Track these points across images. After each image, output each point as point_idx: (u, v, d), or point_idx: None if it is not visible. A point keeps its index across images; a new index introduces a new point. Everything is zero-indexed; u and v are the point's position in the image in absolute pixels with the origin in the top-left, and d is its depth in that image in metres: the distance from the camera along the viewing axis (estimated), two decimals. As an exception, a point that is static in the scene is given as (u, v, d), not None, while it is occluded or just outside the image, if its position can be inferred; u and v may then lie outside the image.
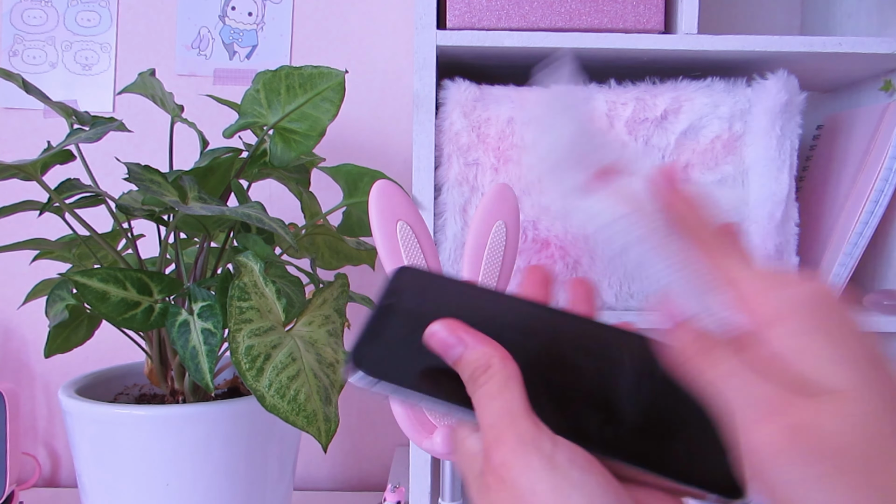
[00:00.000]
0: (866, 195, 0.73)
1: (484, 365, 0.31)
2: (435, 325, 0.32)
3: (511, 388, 0.30)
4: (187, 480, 0.64)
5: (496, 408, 0.30)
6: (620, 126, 0.69)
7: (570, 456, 0.28)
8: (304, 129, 0.68)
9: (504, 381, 0.30)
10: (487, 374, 0.31)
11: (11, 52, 1.00)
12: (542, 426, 0.29)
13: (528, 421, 0.29)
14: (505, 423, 0.29)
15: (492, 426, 0.29)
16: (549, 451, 0.28)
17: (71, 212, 0.66)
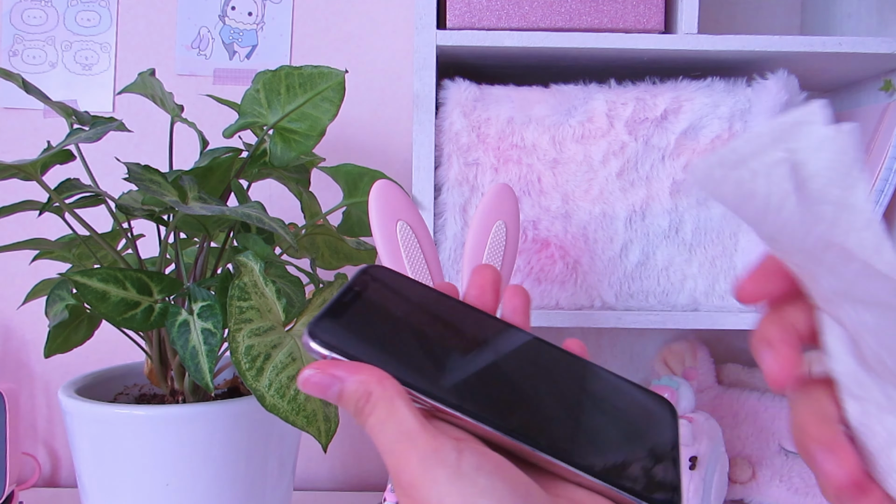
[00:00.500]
0: (866, 195, 0.73)
1: (364, 393, 0.30)
2: (306, 371, 0.31)
3: (398, 407, 0.29)
4: (187, 480, 0.64)
5: (390, 432, 0.29)
6: (620, 126, 0.69)
7: (477, 462, 0.28)
8: (304, 129, 0.68)
9: (388, 404, 0.30)
10: (371, 403, 0.30)
11: (11, 52, 1.00)
12: (441, 437, 0.29)
13: (426, 435, 0.29)
14: (403, 446, 0.29)
15: (391, 452, 0.29)
16: (453, 461, 0.28)
17: (71, 212, 0.66)
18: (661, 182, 0.70)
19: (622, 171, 0.70)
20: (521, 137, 0.70)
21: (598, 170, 0.70)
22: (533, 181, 0.70)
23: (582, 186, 0.70)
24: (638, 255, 0.71)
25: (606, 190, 0.70)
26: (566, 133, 0.70)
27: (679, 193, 0.70)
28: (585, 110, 0.70)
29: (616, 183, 0.70)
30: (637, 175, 0.70)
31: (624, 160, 0.70)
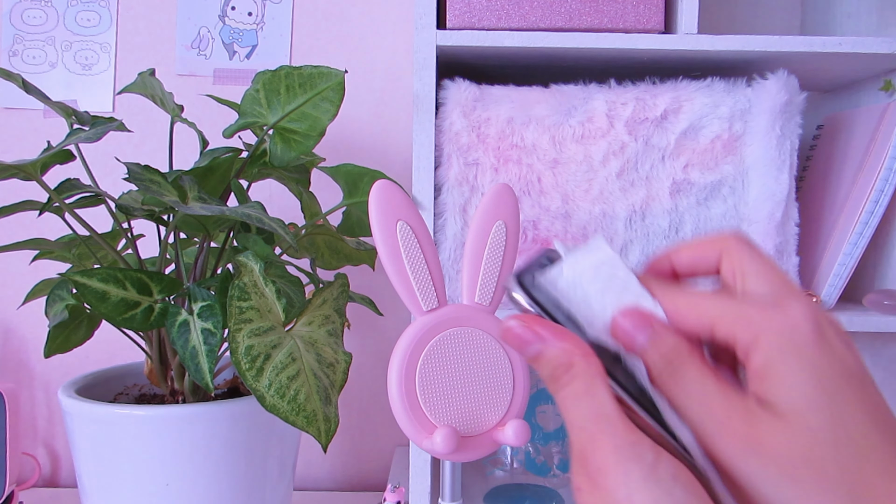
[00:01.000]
0: (866, 195, 0.73)
1: (565, 363, 0.29)
2: (511, 321, 0.31)
3: (598, 388, 0.28)
4: (187, 480, 0.64)
5: (585, 410, 0.28)
6: (620, 126, 0.69)
7: (675, 471, 0.27)
8: (304, 129, 0.68)
9: (590, 381, 0.29)
10: (570, 374, 0.29)
11: (11, 52, 1.00)
12: (640, 433, 0.28)
13: (625, 425, 0.28)
14: (599, 428, 0.28)
15: (583, 429, 0.28)
16: (651, 461, 0.27)
17: (71, 212, 0.66)
18: (661, 182, 0.70)
19: (622, 171, 0.70)
20: (521, 137, 0.70)
21: (598, 170, 0.70)
22: (533, 181, 0.70)
23: (582, 186, 0.70)
24: (638, 255, 0.71)
25: (606, 190, 0.70)
26: (566, 133, 0.70)
27: (679, 193, 0.70)
28: (585, 110, 0.70)
29: (616, 183, 0.70)
30: (637, 175, 0.70)
31: (624, 160, 0.70)
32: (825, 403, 0.26)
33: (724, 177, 0.70)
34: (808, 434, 0.26)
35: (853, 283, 0.81)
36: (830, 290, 0.74)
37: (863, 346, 0.84)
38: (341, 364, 0.64)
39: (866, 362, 0.86)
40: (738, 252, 0.30)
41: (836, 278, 0.74)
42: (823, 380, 0.26)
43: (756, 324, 0.27)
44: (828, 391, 0.26)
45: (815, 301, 0.30)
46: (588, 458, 0.27)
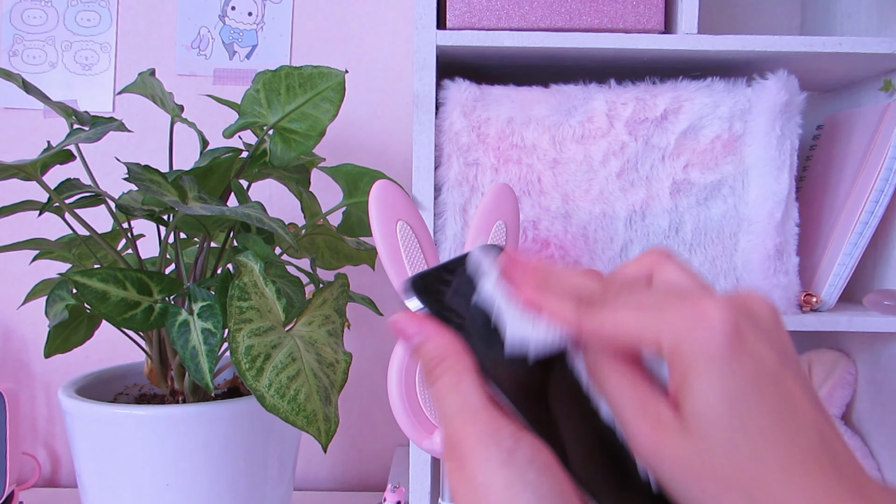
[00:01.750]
0: (866, 195, 0.73)
1: (439, 356, 0.32)
2: (399, 314, 0.33)
3: (466, 381, 0.31)
4: (187, 480, 0.64)
5: (454, 401, 0.30)
6: (620, 126, 0.69)
7: (531, 455, 0.28)
8: (304, 129, 0.68)
9: (459, 376, 0.31)
10: (442, 367, 0.31)
11: (11, 52, 1.00)
12: (503, 420, 0.30)
13: (487, 413, 0.30)
14: (465, 418, 0.30)
15: (451, 419, 0.30)
16: (509, 447, 0.28)
17: (71, 212, 0.66)
18: (661, 182, 0.70)
19: (622, 171, 0.70)
20: (521, 137, 0.70)
21: (598, 170, 0.70)
22: (533, 181, 0.70)
23: (582, 186, 0.70)
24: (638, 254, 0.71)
25: (606, 190, 0.70)
26: (566, 133, 0.70)
27: (679, 193, 0.70)
28: (585, 110, 0.70)
29: (616, 183, 0.70)
30: (637, 175, 0.70)
31: (624, 160, 0.70)
32: (729, 415, 0.27)
33: (724, 177, 0.70)
34: (709, 446, 0.27)
35: (853, 283, 0.81)
36: (830, 290, 0.74)
37: (863, 346, 0.84)
38: (341, 364, 0.64)
39: (866, 362, 0.85)
40: (661, 264, 0.32)
41: (836, 278, 0.74)
42: (732, 389, 0.27)
43: (677, 332, 0.28)
44: (734, 401, 0.27)
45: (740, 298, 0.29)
46: (456, 445, 0.30)
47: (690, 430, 0.27)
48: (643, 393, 0.29)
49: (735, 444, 0.26)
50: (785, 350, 0.28)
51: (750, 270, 0.70)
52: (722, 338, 0.27)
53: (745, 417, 0.27)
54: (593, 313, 0.30)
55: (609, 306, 0.30)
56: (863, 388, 0.84)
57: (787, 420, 0.27)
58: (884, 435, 0.80)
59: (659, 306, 0.29)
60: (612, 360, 0.31)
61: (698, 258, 0.71)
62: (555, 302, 0.31)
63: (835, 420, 0.28)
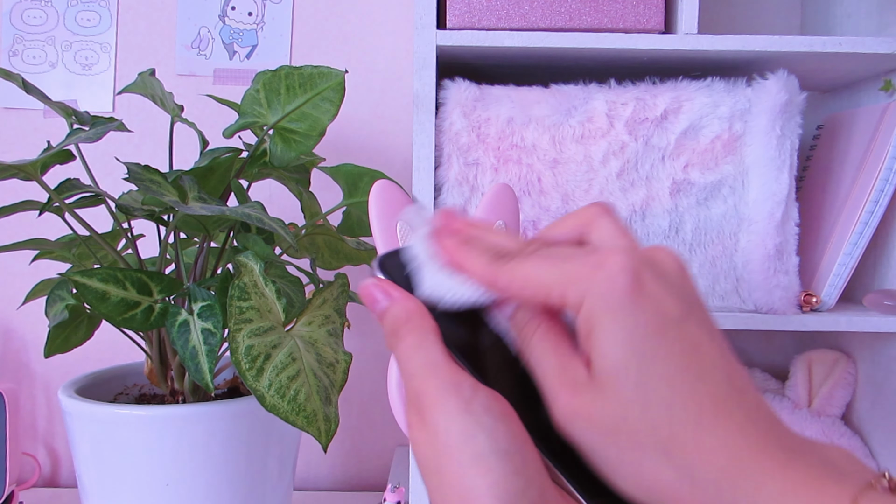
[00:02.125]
0: (866, 195, 0.73)
1: (404, 318, 0.33)
2: (369, 281, 0.34)
3: (430, 340, 0.32)
4: (187, 480, 0.64)
5: (418, 359, 0.31)
6: (620, 126, 0.69)
7: (488, 403, 0.29)
8: (304, 129, 0.68)
9: (423, 335, 0.32)
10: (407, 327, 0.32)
11: (11, 52, 1.00)
12: (464, 374, 0.30)
13: (449, 368, 0.31)
14: (427, 373, 0.31)
15: (414, 375, 0.31)
16: (467, 396, 0.29)
17: (71, 212, 0.66)
18: (661, 182, 0.70)
19: (622, 171, 0.70)
20: (521, 137, 0.70)
21: (598, 170, 0.70)
22: (533, 181, 0.70)
23: (582, 186, 0.70)
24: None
25: (606, 190, 0.70)
26: (566, 133, 0.70)
27: (679, 193, 0.70)
28: (585, 110, 0.70)
29: (616, 183, 0.70)
30: (637, 175, 0.70)
31: (624, 160, 0.70)
32: (633, 366, 0.27)
33: (724, 177, 0.70)
34: (618, 401, 0.27)
35: (853, 283, 0.81)
36: (830, 290, 0.74)
37: (863, 346, 0.84)
38: (341, 364, 0.64)
39: (866, 362, 0.85)
40: (596, 222, 0.32)
41: (836, 278, 0.74)
42: (634, 339, 0.27)
43: (581, 284, 0.28)
44: (637, 351, 0.27)
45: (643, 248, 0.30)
46: (418, 398, 0.31)
47: (601, 386, 0.28)
48: (563, 356, 0.30)
49: (642, 395, 0.27)
50: (688, 298, 0.28)
51: (750, 270, 0.70)
52: (621, 284, 0.27)
53: (649, 366, 0.27)
54: (504, 266, 0.31)
55: (521, 259, 0.30)
56: (863, 388, 0.84)
57: (693, 366, 0.27)
58: (884, 435, 0.80)
59: (565, 258, 0.29)
60: (534, 320, 0.31)
61: (698, 258, 0.71)
62: (472, 257, 0.32)
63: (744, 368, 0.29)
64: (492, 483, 0.28)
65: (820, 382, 0.85)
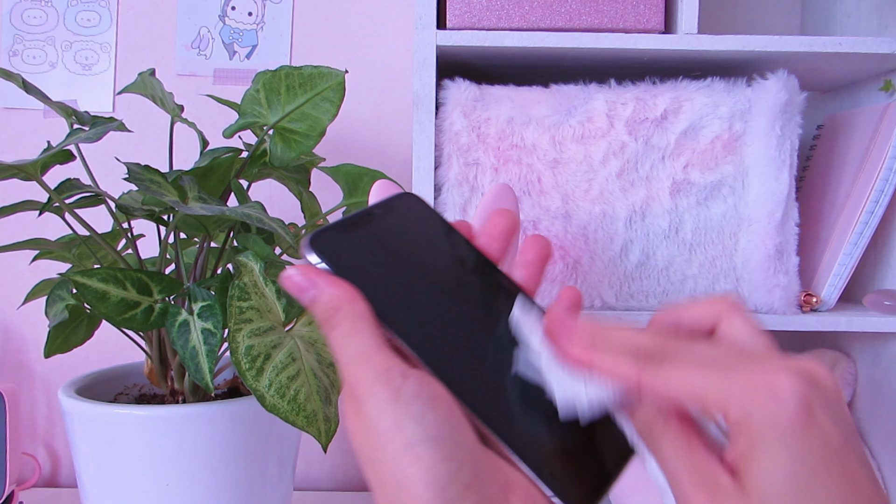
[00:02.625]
0: (866, 195, 0.73)
1: (334, 307, 0.32)
2: (290, 270, 0.34)
3: (361, 328, 0.32)
4: (187, 480, 0.64)
5: (350, 348, 0.32)
6: (620, 126, 0.69)
7: (417, 389, 0.30)
8: (304, 129, 0.68)
9: (354, 322, 0.32)
10: (339, 317, 0.32)
11: (11, 52, 1.00)
12: (394, 361, 0.31)
13: (380, 356, 0.31)
14: (360, 362, 0.31)
15: (347, 364, 0.31)
16: (397, 385, 0.30)
17: (71, 212, 0.66)
18: (661, 182, 0.70)
19: (622, 171, 0.70)
20: (521, 137, 0.70)
21: (598, 170, 0.70)
22: (533, 181, 0.70)
23: (582, 186, 0.70)
24: (638, 255, 0.71)
25: (606, 190, 0.70)
26: (566, 133, 0.70)
27: (679, 193, 0.70)
28: (585, 110, 0.70)
29: (616, 183, 0.70)
30: (637, 175, 0.70)
31: (624, 160, 0.70)
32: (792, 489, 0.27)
33: (724, 177, 0.70)
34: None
35: (853, 283, 0.81)
36: (830, 290, 0.74)
37: (863, 346, 0.84)
38: (341, 364, 0.64)
39: (866, 362, 0.86)
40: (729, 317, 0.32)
41: (836, 278, 0.74)
42: (799, 467, 0.27)
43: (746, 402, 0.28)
44: (800, 479, 0.27)
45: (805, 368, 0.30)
46: (352, 388, 0.31)
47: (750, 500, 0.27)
48: (699, 458, 0.29)
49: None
50: (848, 426, 0.28)
51: (750, 270, 0.70)
52: (793, 413, 0.27)
53: (809, 495, 0.26)
54: (655, 369, 0.30)
55: (673, 363, 0.30)
56: (863, 388, 0.84)
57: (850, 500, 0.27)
58: (884, 435, 0.80)
59: (727, 368, 0.29)
60: (668, 419, 0.30)
61: (698, 258, 0.71)
62: (609, 359, 0.31)
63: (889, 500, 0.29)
64: (423, 470, 0.28)
65: (820, 382, 0.85)
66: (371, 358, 0.31)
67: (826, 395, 0.28)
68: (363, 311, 0.32)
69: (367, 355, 0.31)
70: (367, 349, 0.31)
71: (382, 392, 0.30)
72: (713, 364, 0.29)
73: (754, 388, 0.28)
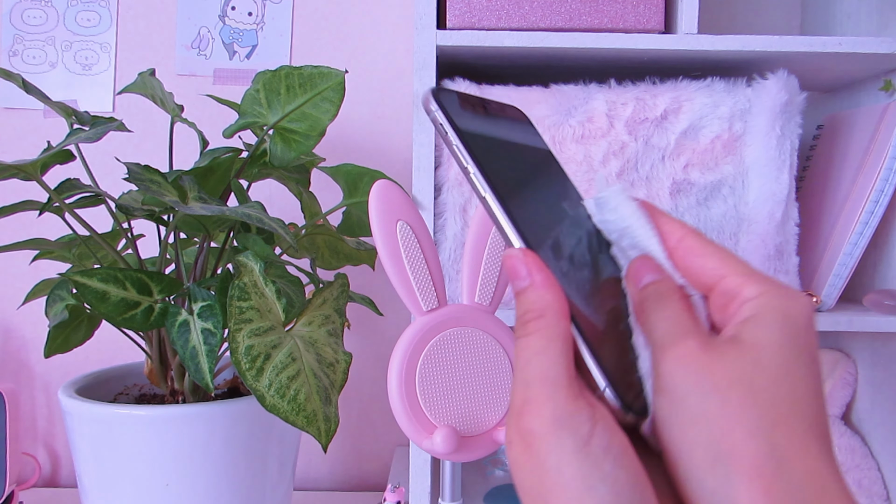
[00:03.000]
0: (866, 195, 0.73)
1: (538, 311, 0.30)
2: (514, 250, 0.31)
3: (555, 349, 0.29)
4: (187, 480, 0.64)
5: (536, 367, 0.28)
6: (620, 126, 0.69)
7: (607, 443, 0.27)
8: (304, 129, 0.68)
9: (550, 339, 0.29)
10: (536, 324, 0.29)
11: (11, 52, 1.00)
12: (581, 400, 0.28)
13: (568, 392, 0.28)
14: (543, 390, 0.28)
15: (528, 385, 0.28)
16: (585, 433, 0.27)
17: (71, 212, 0.66)
18: (661, 182, 0.70)
19: (622, 171, 0.70)
20: (521, 137, 0.70)
21: (598, 170, 0.70)
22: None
23: (582, 186, 0.70)
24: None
25: (606, 190, 0.70)
26: (566, 133, 0.70)
27: (679, 193, 0.70)
28: (585, 110, 0.70)
29: (616, 183, 0.70)
30: (637, 175, 0.70)
31: (624, 160, 0.70)
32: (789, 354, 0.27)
33: (724, 177, 0.70)
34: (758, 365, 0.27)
35: (853, 283, 0.81)
36: (830, 290, 0.74)
37: (863, 346, 0.84)
38: (341, 364, 0.64)
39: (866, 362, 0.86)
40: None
41: (836, 278, 0.74)
42: (798, 345, 0.28)
43: (765, 289, 0.29)
44: (797, 349, 0.28)
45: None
46: (525, 417, 0.28)
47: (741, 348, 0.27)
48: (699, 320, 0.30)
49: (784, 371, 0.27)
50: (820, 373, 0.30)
51: (750, 270, 0.70)
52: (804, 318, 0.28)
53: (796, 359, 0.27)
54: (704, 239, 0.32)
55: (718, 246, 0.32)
56: (863, 388, 0.84)
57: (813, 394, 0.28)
58: (884, 435, 0.80)
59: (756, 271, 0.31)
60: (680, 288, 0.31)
61: (698, 258, 0.71)
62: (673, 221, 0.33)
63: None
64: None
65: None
66: (558, 390, 0.28)
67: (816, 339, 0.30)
68: (566, 331, 0.29)
69: (554, 385, 0.28)
70: (555, 377, 0.28)
71: (567, 438, 0.26)
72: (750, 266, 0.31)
73: (777, 286, 0.29)
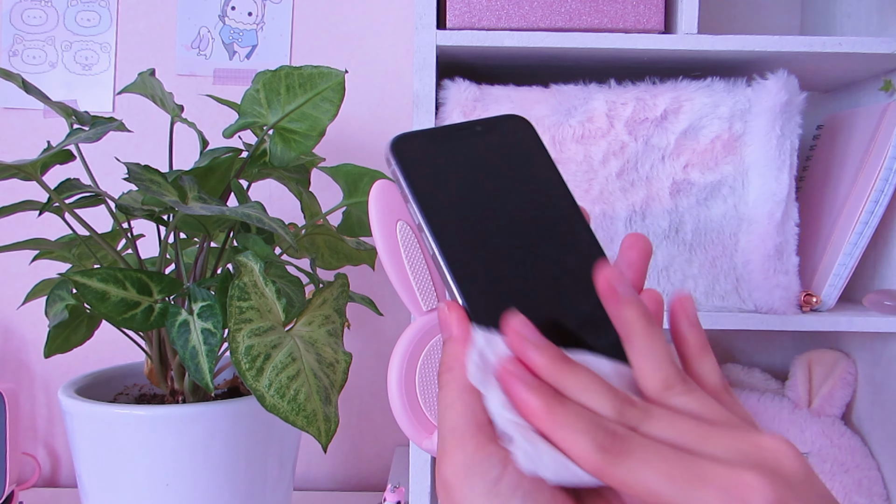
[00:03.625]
0: (866, 195, 0.73)
1: (448, 365, 0.31)
2: (442, 304, 0.33)
3: (463, 401, 0.30)
4: (187, 480, 0.64)
5: (447, 419, 0.30)
6: (620, 126, 0.69)
7: (517, 482, 0.28)
8: (304, 129, 0.68)
9: (459, 391, 0.30)
10: (446, 377, 0.31)
11: (11, 52, 1.00)
12: (491, 446, 0.29)
13: (476, 441, 0.29)
14: (454, 440, 0.29)
15: (442, 436, 0.30)
16: (495, 477, 0.28)
17: (71, 212, 0.66)
18: (661, 182, 0.70)
19: (622, 171, 0.70)
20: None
21: (598, 170, 0.70)
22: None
23: (582, 186, 0.70)
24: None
25: (606, 190, 0.70)
26: (566, 133, 0.70)
27: (679, 193, 0.70)
28: (585, 110, 0.70)
29: (616, 183, 0.70)
30: (637, 175, 0.70)
31: (624, 160, 0.70)
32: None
33: (724, 177, 0.70)
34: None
35: (853, 283, 0.81)
36: (830, 290, 0.74)
37: (863, 346, 0.84)
38: (341, 364, 0.64)
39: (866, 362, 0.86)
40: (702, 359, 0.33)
41: (836, 278, 0.74)
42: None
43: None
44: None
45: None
46: (441, 466, 0.29)
47: None
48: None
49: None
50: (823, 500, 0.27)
51: (750, 270, 0.70)
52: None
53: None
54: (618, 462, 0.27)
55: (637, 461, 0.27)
56: (863, 388, 0.84)
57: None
58: (884, 435, 0.80)
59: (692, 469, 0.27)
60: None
61: (698, 258, 0.71)
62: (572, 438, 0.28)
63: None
64: None
65: (820, 382, 0.85)
66: (467, 441, 0.29)
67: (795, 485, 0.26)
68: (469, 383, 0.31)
69: (462, 436, 0.29)
70: (464, 428, 0.29)
71: (478, 482, 0.28)
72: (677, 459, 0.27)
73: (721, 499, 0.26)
